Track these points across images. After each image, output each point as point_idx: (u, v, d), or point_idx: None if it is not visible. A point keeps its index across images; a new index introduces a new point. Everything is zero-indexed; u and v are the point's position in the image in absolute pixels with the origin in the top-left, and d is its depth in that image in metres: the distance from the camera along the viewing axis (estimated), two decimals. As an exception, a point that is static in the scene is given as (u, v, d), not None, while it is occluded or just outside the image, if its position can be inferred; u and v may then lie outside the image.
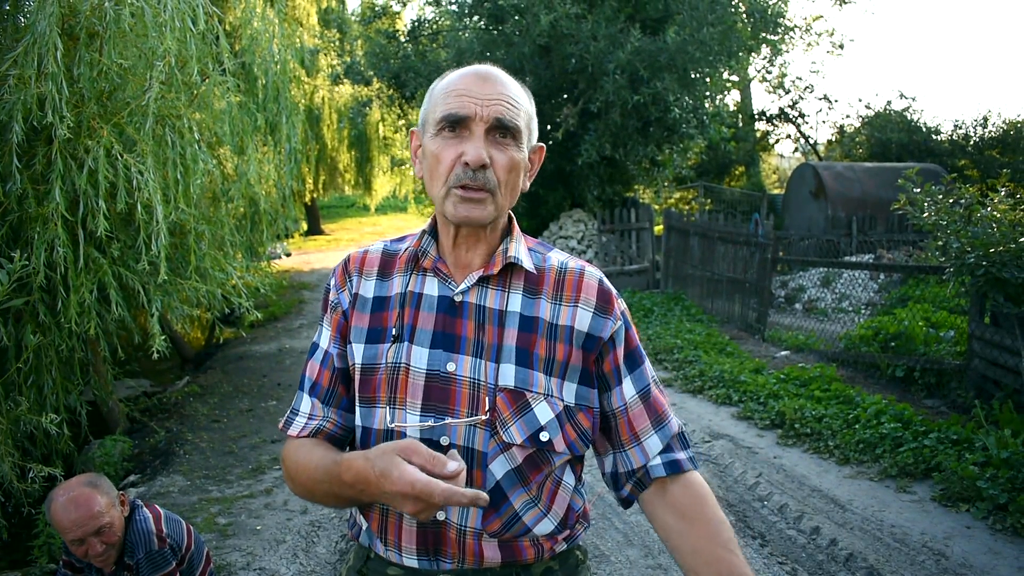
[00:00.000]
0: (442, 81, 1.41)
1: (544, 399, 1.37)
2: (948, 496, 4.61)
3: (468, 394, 1.36)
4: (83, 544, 2.46)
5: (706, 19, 12.55)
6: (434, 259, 1.44)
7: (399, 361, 1.39)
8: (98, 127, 4.88)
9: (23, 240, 4.89)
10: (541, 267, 1.45)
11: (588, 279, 1.45)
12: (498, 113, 1.34)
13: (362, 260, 1.51)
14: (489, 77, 1.38)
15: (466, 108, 1.34)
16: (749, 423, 6.31)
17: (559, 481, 1.44)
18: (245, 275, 6.81)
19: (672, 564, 3.99)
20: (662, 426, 1.46)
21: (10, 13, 5.57)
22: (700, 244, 11.85)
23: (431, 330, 1.40)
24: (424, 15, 16.35)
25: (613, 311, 1.44)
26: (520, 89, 1.42)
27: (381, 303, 1.45)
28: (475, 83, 1.36)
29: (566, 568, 1.49)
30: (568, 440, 1.39)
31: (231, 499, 5.24)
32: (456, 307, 1.40)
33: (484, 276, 1.41)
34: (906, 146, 19.54)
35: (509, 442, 1.35)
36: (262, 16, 7.79)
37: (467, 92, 1.35)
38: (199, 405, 7.85)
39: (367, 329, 1.44)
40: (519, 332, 1.39)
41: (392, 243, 1.53)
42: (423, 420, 1.35)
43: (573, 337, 1.40)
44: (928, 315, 8.09)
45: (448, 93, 1.36)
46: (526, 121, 1.41)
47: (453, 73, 1.41)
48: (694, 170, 21.53)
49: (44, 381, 5.20)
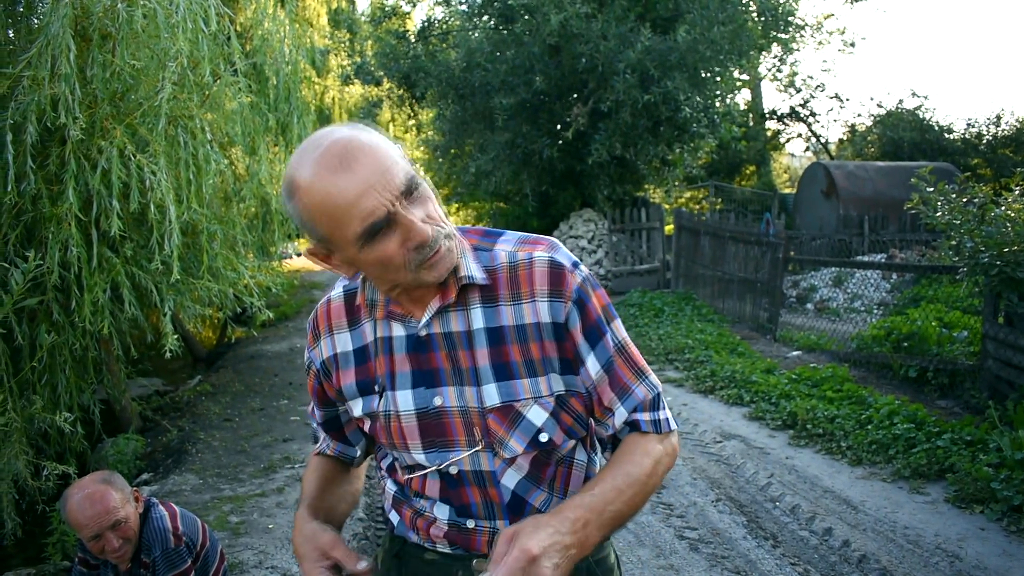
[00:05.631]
0: (310, 192, 1.23)
1: (535, 402, 1.37)
2: (962, 497, 4.59)
3: (462, 422, 1.38)
4: (99, 540, 2.47)
5: (717, 18, 12.53)
6: (385, 307, 1.41)
7: (388, 410, 1.41)
8: (111, 128, 4.91)
9: (37, 240, 4.92)
10: (492, 268, 1.40)
11: (538, 267, 1.39)
12: (397, 186, 1.23)
13: (328, 315, 1.50)
14: (354, 157, 1.22)
15: (377, 211, 1.21)
16: (761, 423, 6.30)
17: (571, 462, 1.46)
18: (257, 275, 6.85)
19: (684, 565, 3.99)
20: (626, 396, 1.43)
21: (24, 15, 5.60)
22: (711, 244, 11.82)
23: (409, 371, 1.40)
24: (434, 15, 16.37)
25: (565, 291, 1.38)
26: (371, 134, 1.28)
27: (363, 353, 1.45)
28: (352, 178, 1.20)
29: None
30: (565, 428, 1.40)
31: (243, 498, 5.26)
32: (424, 342, 1.39)
33: (443, 305, 1.38)
34: (918, 145, 19.45)
35: (512, 456, 1.38)
36: (273, 17, 7.81)
37: (357, 194, 1.20)
38: (211, 404, 7.88)
39: (356, 383, 1.46)
40: (489, 348, 1.37)
41: (351, 283, 1.49)
42: (429, 456, 1.40)
43: (542, 331, 1.38)
44: (941, 315, 8.04)
45: (343, 206, 1.21)
46: (401, 158, 1.29)
47: (312, 177, 1.22)
48: (704, 169, 21.47)
49: (58, 380, 5.24)
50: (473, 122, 14.75)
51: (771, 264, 9.72)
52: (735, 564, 3.98)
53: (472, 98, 14.25)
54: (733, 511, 4.64)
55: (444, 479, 1.42)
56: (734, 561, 4.01)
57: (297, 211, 1.27)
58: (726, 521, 4.51)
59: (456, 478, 1.40)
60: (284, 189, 1.29)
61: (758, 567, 3.93)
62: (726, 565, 3.97)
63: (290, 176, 1.27)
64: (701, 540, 4.27)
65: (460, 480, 1.40)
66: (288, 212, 1.32)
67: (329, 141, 1.23)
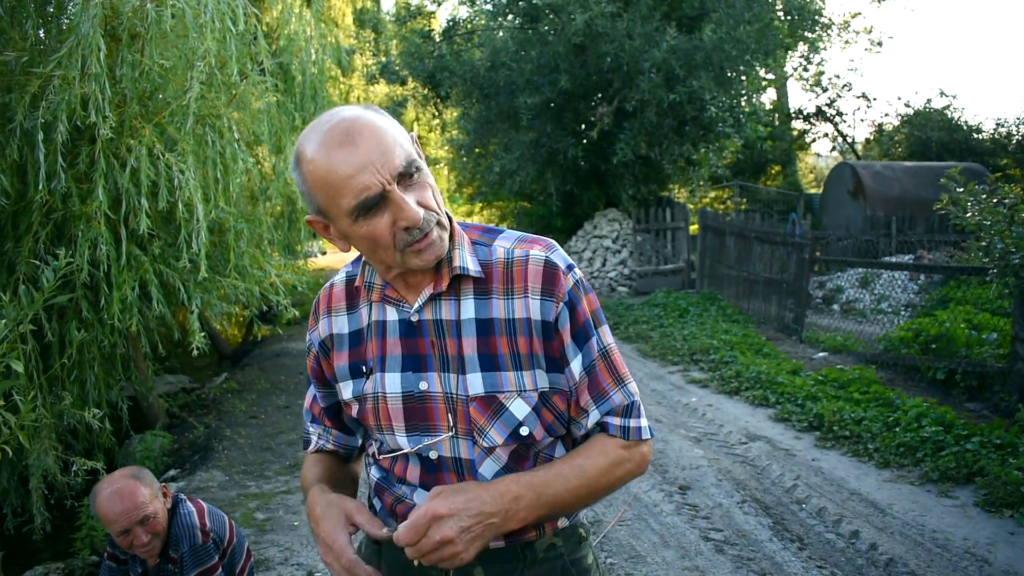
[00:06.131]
0: (314, 163, 1.29)
1: (518, 395, 1.40)
2: (991, 501, 4.53)
3: (445, 408, 1.42)
4: (128, 535, 2.50)
5: (743, 17, 12.46)
6: (381, 290, 1.46)
7: (376, 392, 1.46)
8: (140, 127, 4.96)
9: (67, 238, 4.98)
10: (488, 262, 1.45)
11: (533, 265, 1.42)
12: (395, 167, 1.28)
13: (328, 298, 1.56)
14: (358, 134, 1.28)
15: (371, 187, 1.26)
16: (786, 425, 6.25)
17: (550, 458, 1.48)
18: (282, 273, 6.89)
19: (709, 567, 3.96)
20: (603, 400, 1.45)
21: (54, 15, 5.66)
22: (736, 244, 11.74)
23: (399, 354, 1.44)
24: (459, 14, 16.41)
25: (557, 291, 1.41)
26: (378, 116, 1.33)
27: (357, 337, 1.51)
28: (353, 153, 1.26)
29: (569, 544, 1.53)
30: (546, 424, 1.44)
31: (269, 495, 5.30)
32: (415, 327, 1.44)
33: (435, 293, 1.42)
34: (946, 145, 19.21)
35: (491, 446, 1.41)
36: (299, 16, 7.86)
37: (355, 168, 1.26)
38: (237, 401, 7.94)
39: (348, 365, 1.51)
40: (478, 338, 1.41)
41: (353, 267, 1.56)
42: (411, 440, 1.44)
43: (531, 328, 1.41)
44: (970, 317, 7.93)
45: (341, 179, 1.27)
46: (406, 142, 1.34)
47: (317, 149, 1.29)
48: (729, 169, 21.31)
49: (87, 376, 5.30)
50: (498, 121, 14.76)
51: (797, 265, 9.65)
52: (761, 566, 3.95)
53: (497, 97, 14.26)
54: (759, 513, 4.60)
55: (424, 464, 1.45)
56: (760, 563, 3.98)
57: (301, 181, 1.34)
58: (752, 523, 4.47)
59: (436, 463, 1.44)
60: (292, 159, 1.36)
61: (784, 570, 3.90)
62: (752, 567, 3.94)
63: (299, 147, 1.34)
64: (727, 542, 4.25)
65: (440, 466, 1.44)
66: (294, 182, 1.38)
67: (338, 118, 1.30)
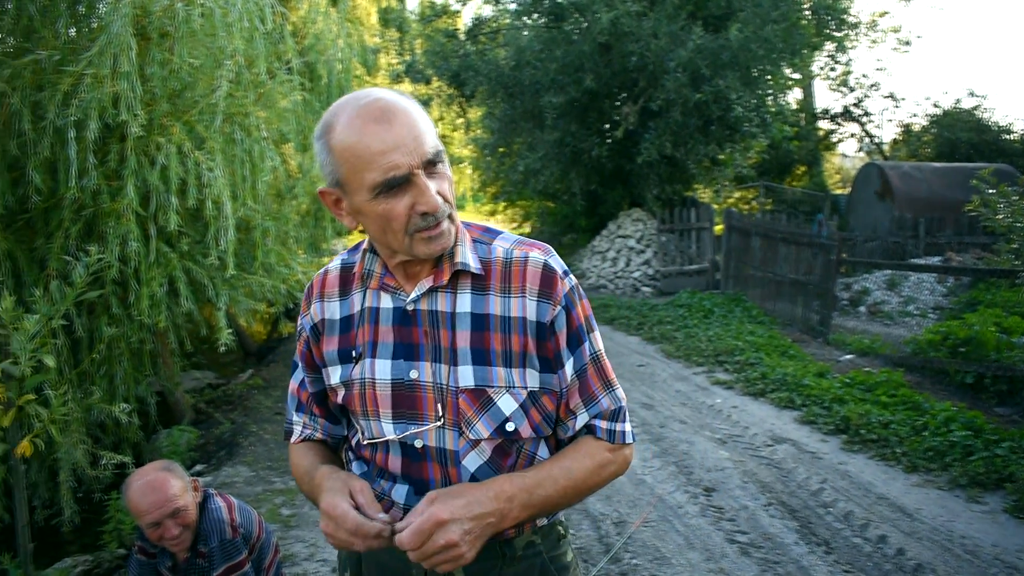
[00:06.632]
0: (344, 134, 1.32)
1: (507, 391, 1.43)
2: (1021, 508, 4.47)
3: (433, 398, 1.43)
4: (159, 527, 2.52)
5: (769, 16, 12.37)
6: (380, 278, 1.48)
7: (365, 377, 1.47)
8: (169, 125, 5.00)
9: (97, 234, 5.02)
10: (487, 260, 1.47)
11: (532, 266, 1.46)
12: (425, 153, 1.32)
13: (322, 283, 1.58)
14: (394, 115, 1.31)
15: (400, 168, 1.30)
16: (812, 428, 6.19)
17: (533, 456, 1.50)
18: (308, 270, 6.91)
19: (734, 569, 3.94)
20: (592, 404, 1.50)
21: (85, 15, 5.72)
22: (761, 245, 11.66)
23: (391, 342, 1.46)
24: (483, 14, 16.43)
25: (555, 294, 1.45)
26: (412, 103, 1.37)
27: (348, 323, 1.52)
28: (388, 131, 1.29)
29: (548, 542, 1.55)
30: (533, 424, 1.46)
31: (294, 490, 5.32)
32: (410, 316, 1.45)
33: (434, 286, 1.45)
34: (975, 146, 18.98)
35: (476, 438, 1.43)
36: (326, 15, 7.90)
37: (388, 147, 1.29)
38: (262, 397, 7.98)
39: (338, 351, 1.53)
40: (472, 332, 1.43)
41: (349, 255, 1.58)
42: (396, 427, 1.46)
43: (526, 327, 1.43)
44: (1000, 320, 7.84)
45: (372, 153, 1.30)
46: (434, 132, 1.37)
47: (350, 122, 1.32)
48: (755, 169, 21.16)
49: (115, 371, 5.36)
50: (522, 121, 14.76)
51: (823, 266, 9.57)
52: (787, 570, 3.92)
53: (521, 96, 14.26)
54: (784, 516, 4.57)
55: (408, 454, 1.47)
56: (786, 567, 3.95)
57: (325, 149, 1.36)
58: (777, 526, 4.44)
59: (420, 452, 1.46)
60: (318, 129, 1.38)
61: (811, 574, 3.87)
62: (777, 571, 3.92)
63: (328, 118, 1.36)
64: (752, 544, 4.22)
65: (423, 455, 1.46)
66: (315, 151, 1.40)
67: (375, 96, 1.33)
